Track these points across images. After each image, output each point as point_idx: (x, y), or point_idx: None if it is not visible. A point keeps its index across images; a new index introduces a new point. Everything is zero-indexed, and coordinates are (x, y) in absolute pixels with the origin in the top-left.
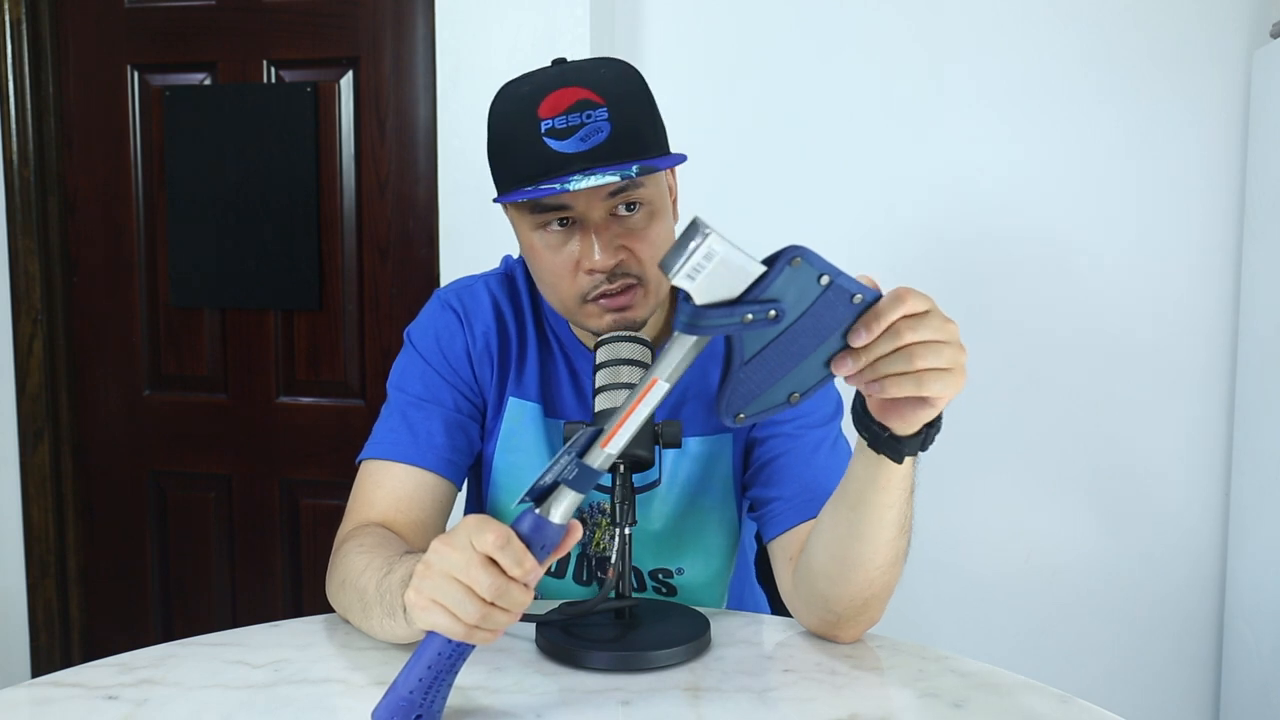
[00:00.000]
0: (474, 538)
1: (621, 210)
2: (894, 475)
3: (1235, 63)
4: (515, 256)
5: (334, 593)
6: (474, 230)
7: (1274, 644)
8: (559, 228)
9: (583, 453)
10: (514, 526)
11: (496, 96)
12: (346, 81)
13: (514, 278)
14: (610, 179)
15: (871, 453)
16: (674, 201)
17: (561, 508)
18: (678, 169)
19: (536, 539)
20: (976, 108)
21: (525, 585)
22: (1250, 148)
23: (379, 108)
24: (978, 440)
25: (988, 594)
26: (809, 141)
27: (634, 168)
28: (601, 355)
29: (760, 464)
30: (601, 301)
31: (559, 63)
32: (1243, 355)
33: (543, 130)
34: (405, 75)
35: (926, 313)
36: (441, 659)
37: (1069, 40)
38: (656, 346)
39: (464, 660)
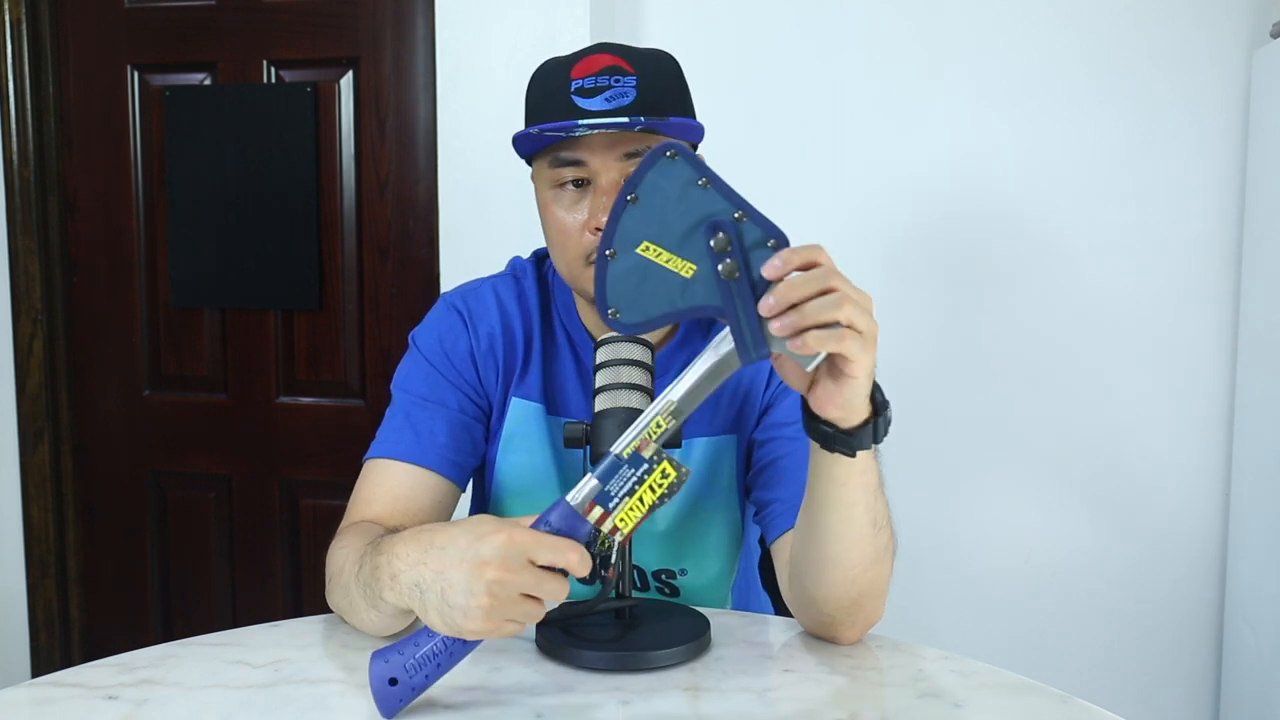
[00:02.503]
0: (530, 552)
1: None
2: (852, 471)
3: (1235, 63)
4: (524, 258)
5: (327, 591)
6: (474, 230)
7: (1274, 644)
8: (573, 189)
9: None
10: (546, 518)
11: (538, 67)
12: (346, 81)
13: (521, 279)
14: (619, 121)
15: (825, 453)
16: None
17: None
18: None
19: (566, 531)
20: (976, 108)
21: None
22: (1250, 148)
23: (379, 108)
24: (978, 440)
25: (988, 594)
26: (808, 141)
27: (642, 119)
28: (602, 355)
29: (761, 466)
30: None
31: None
32: (1243, 355)
33: (572, 89)
34: (405, 75)
35: (838, 272)
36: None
37: (1068, 40)
38: (660, 346)
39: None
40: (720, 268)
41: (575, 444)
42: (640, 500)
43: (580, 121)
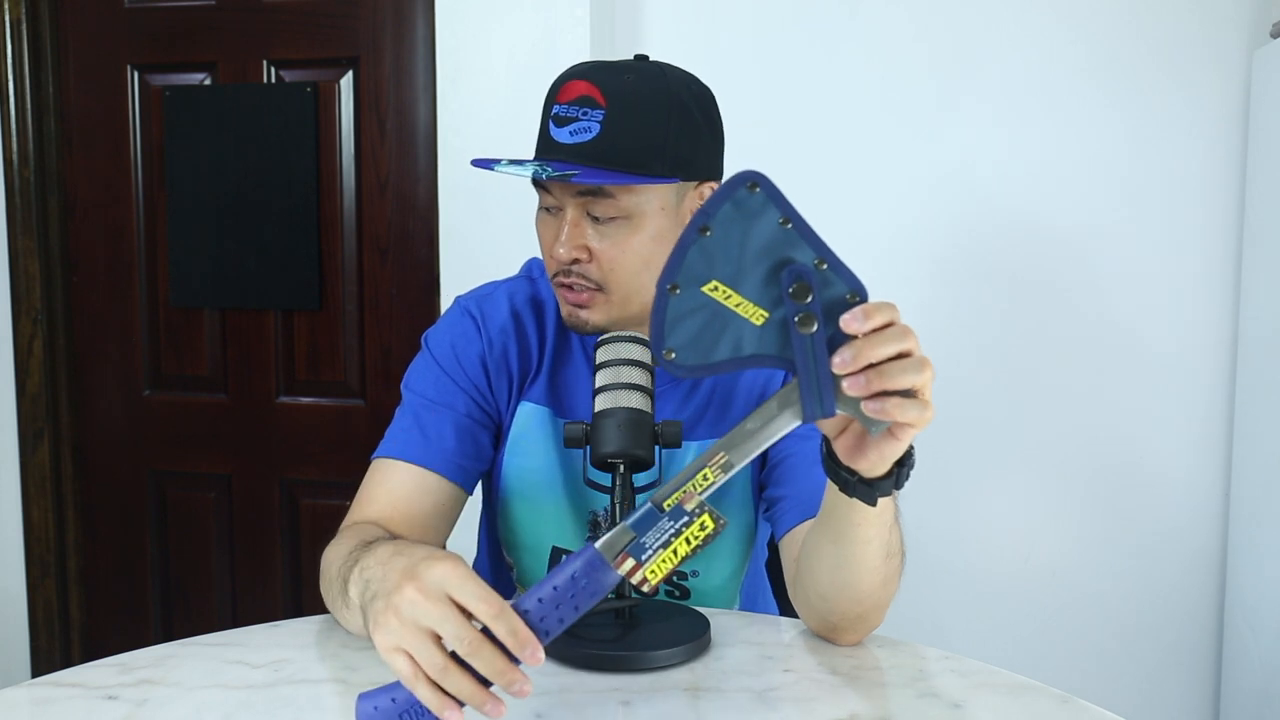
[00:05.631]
0: (461, 595)
1: (595, 215)
2: (869, 514)
3: (1235, 63)
4: (542, 259)
5: (321, 587)
6: (474, 230)
7: (1274, 644)
8: (548, 213)
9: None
10: (570, 565)
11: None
12: (346, 81)
13: (537, 280)
14: (549, 172)
15: (841, 496)
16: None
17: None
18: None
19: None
20: (976, 108)
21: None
22: (1250, 148)
23: (379, 108)
24: (978, 440)
25: (988, 594)
26: (809, 143)
27: (578, 170)
28: (602, 355)
29: (773, 464)
30: (565, 292)
31: (640, 58)
32: (1243, 355)
33: (552, 113)
34: (405, 75)
35: (913, 333)
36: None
37: (1069, 41)
38: None
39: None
40: (797, 319)
41: (575, 444)
42: (674, 552)
43: (504, 167)
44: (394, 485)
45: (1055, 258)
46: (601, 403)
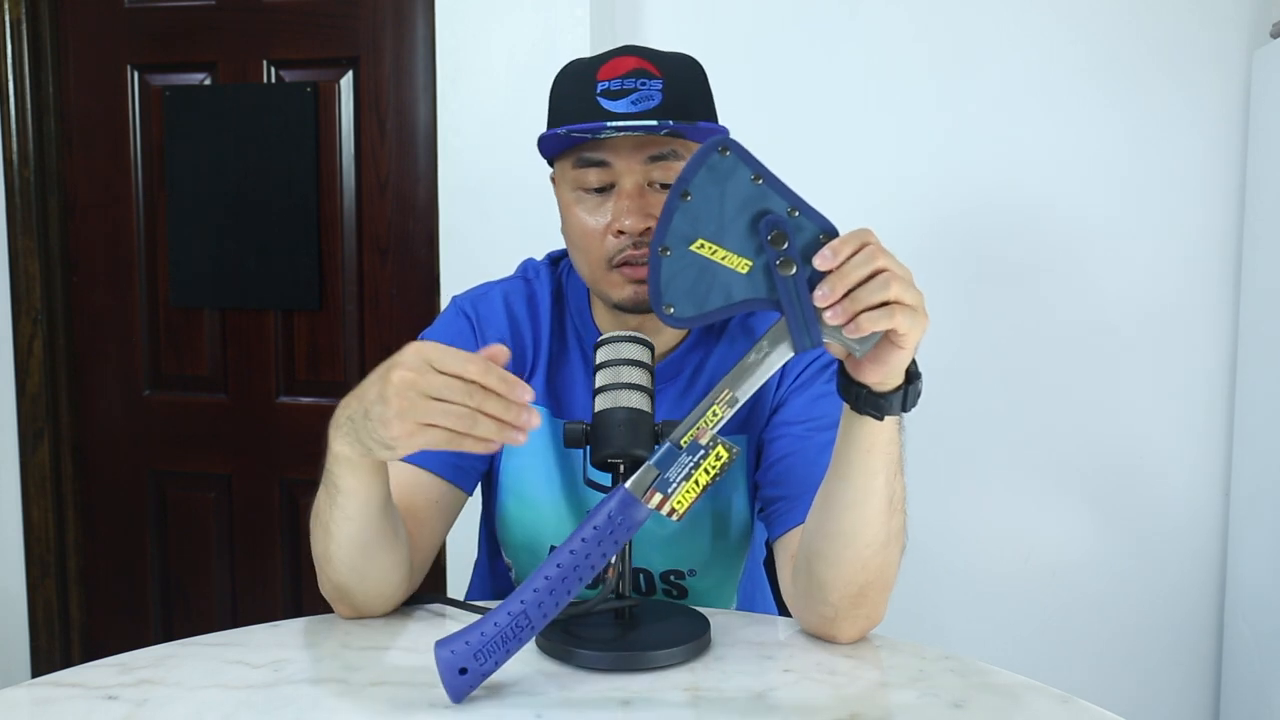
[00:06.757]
0: (456, 366)
1: (659, 183)
2: (878, 436)
3: (1235, 63)
4: (538, 259)
5: (314, 556)
6: (474, 230)
7: (1274, 642)
8: (596, 194)
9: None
10: (605, 504)
11: (563, 67)
12: (346, 81)
13: (532, 281)
14: (648, 124)
15: (855, 416)
16: None
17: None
18: None
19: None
20: (975, 107)
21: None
22: (1250, 148)
23: (379, 108)
24: (978, 440)
25: (987, 594)
26: (809, 143)
27: (670, 123)
28: (602, 355)
29: (769, 463)
30: (625, 270)
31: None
32: (1242, 355)
33: (598, 91)
34: (405, 75)
35: (883, 250)
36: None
37: (1069, 40)
38: (672, 348)
39: (548, 619)
40: (778, 263)
41: (575, 444)
42: (695, 483)
43: (609, 124)
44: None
45: (1055, 258)
46: (601, 403)
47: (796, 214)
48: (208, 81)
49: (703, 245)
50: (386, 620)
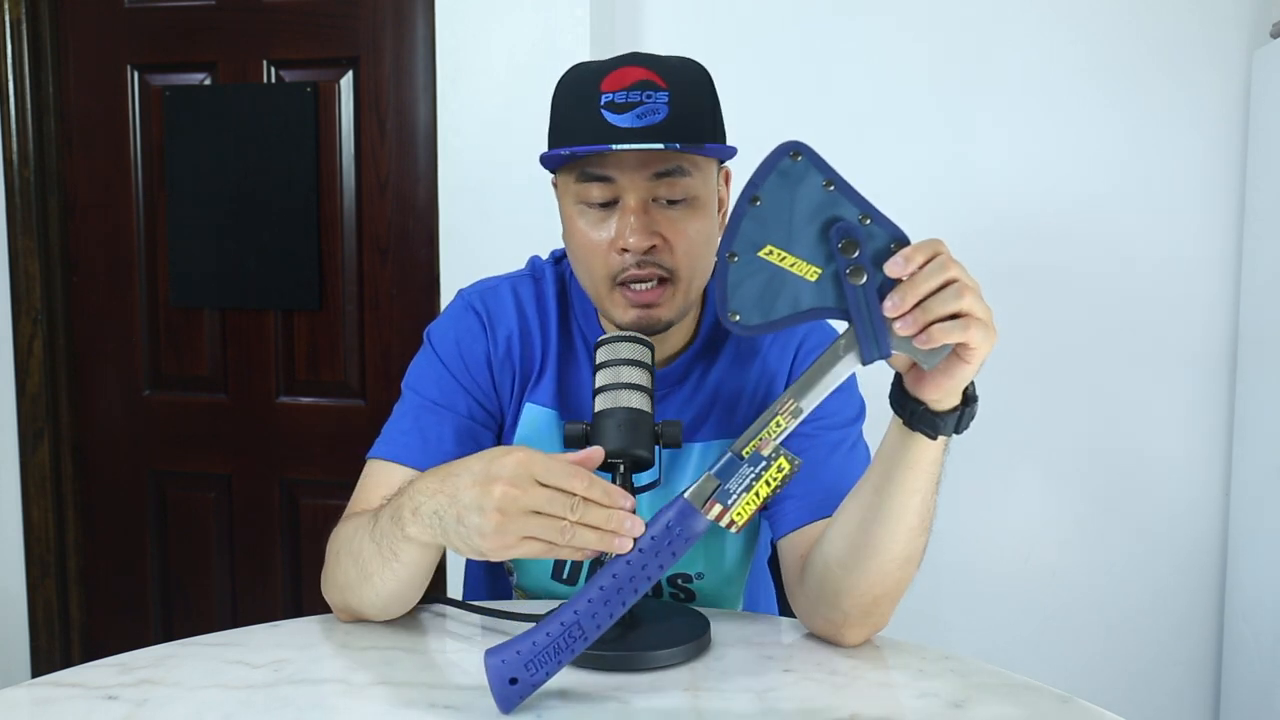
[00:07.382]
0: (558, 480)
1: (664, 200)
2: (925, 455)
3: (1235, 63)
4: (543, 258)
5: (326, 573)
6: (474, 230)
7: (1274, 643)
8: (600, 209)
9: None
10: (664, 514)
11: (565, 73)
12: (346, 81)
13: (540, 280)
14: (654, 146)
15: (904, 430)
16: (723, 214)
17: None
18: (731, 183)
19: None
20: (976, 108)
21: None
22: (1250, 148)
23: (379, 108)
24: (978, 440)
25: (987, 594)
26: (808, 143)
27: (677, 145)
28: (601, 355)
29: None
30: (629, 293)
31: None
32: (1243, 355)
33: (602, 103)
34: (405, 75)
35: (954, 260)
36: (580, 623)
37: (1069, 40)
38: (678, 353)
39: (602, 630)
40: (848, 271)
41: (575, 444)
42: (756, 495)
43: (614, 146)
44: (391, 487)
45: (1055, 257)
46: (601, 403)
47: (868, 221)
48: (208, 81)
49: (771, 252)
50: (387, 621)
